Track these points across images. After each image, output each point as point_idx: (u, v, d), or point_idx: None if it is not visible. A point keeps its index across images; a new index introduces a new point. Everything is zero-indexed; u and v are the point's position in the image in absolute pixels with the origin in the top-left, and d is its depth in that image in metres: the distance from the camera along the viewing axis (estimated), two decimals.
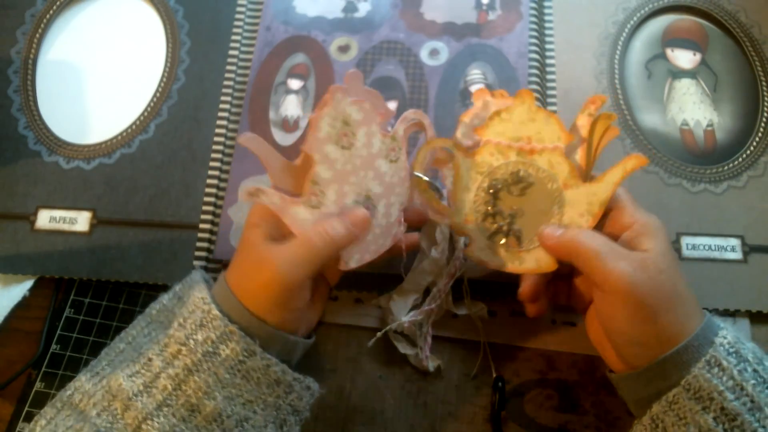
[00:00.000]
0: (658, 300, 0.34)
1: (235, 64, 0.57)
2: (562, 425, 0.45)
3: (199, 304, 0.35)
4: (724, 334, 0.34)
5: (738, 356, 0.34)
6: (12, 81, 0.57)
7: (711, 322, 0.35)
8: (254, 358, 0.35)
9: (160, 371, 0.34)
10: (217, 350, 0.34)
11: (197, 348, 0.34)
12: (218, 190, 0.53)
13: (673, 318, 0.34)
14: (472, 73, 0.55)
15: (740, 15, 0.56)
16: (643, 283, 0.34)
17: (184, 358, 0.34)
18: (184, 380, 0.33)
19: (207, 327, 0.34)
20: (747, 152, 0.52)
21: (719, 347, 0.34)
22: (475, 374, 0.47)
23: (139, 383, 0.34)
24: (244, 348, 0.34)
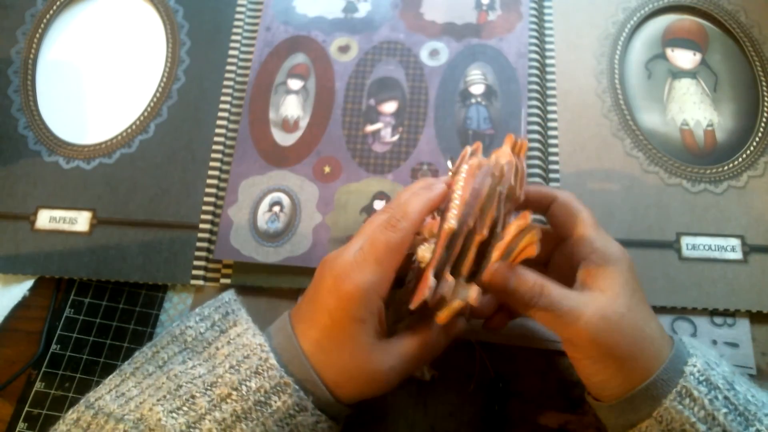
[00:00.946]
0: (622, 346, 0.33)
1: (235, 64, 0.57)
2: (562, 425, 0.45)
3: (257, 351, 0.34)
4: (693, 362, 0.34)
5: (708, 384, 0.33)
6: (12, 81, 0.57)
7: (680, 350, 0.35)
8: (305, 413, 0.33)
9: (205, 413, 0.32)
10: (269, 401, 0.33)
11: (249, 395, 0.33)
12: (218, 190, 0.53)
13: (639, 360, 0.34)
14: (472, 73, 0.55)
15: (740, 15, 0.56)
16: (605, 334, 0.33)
17: (233, 403, 0.32)
18: (231, 426, 0.32)
19: (262, 375, 0.33)
20: (747, 152, 0.52)
21: (689, 376, 0.33)
22: (472, 375, 0.47)
23: (182, 422, 0.32)
24: (296, 402, 0.33)
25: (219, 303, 0.39)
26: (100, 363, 0.48)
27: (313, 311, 0.35)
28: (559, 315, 0.33)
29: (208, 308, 0.38)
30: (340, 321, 0.34)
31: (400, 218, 0.35)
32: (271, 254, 0.49)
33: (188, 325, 0.37)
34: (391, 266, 0.34)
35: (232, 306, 0.38)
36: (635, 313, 0.34)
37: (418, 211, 0.35)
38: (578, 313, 0.33)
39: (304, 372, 0.34)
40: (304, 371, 0.34)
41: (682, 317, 0.48)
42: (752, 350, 0.46)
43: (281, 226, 0.50)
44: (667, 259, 0.48)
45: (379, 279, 0.34)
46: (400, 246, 0.35)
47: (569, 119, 0.54)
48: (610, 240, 0.37)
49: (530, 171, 0.51)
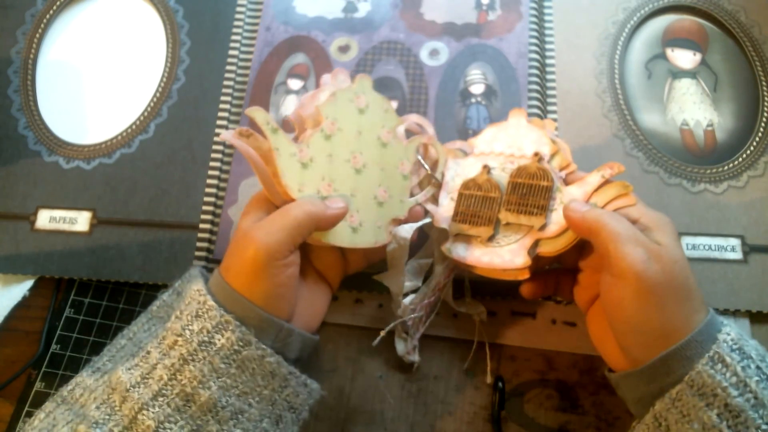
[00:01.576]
0: (668, 289, 0.34)
1: (235, 64, 0.57)
2: (562, 425, 0.45)
3: (195, 296, 0.36)
4: (727, 330, 0.34)
5: (741, 353, 0.33)
6: (12, 81, 0.57)
7: (714, 318, 0.35)
8: (249, 347, 0.35)
9: (156, 362, 0.34)
10: (213, 339, 0.34)
11: (193, 338, 0.34)
12: (218, 190, 0.53)
13: (679, 309, 0.34)
14: (472, 73, 0.55)
15: (740, 15, 0.56)
16: (657, 271, 0.34)
17: (179, 348, 0.34)
18: (180, 369, 0.34)
19: (203, 317, 0.35)
20: (747, 152, 0.52)
21: (723, 343, 0.33)
22: (467, 369, 0.47)
23: (137, 375, 0.34)
24: (239, 337, 0.34)
25: (185, 275, 0.40)
26: None
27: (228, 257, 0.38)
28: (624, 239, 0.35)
29: (176, 281, 0.40)
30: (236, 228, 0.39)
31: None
32: None
33: (156, 298, 0.40)
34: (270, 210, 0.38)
35: (192, 272, 0.40)
36: (685, 265, 0.35)
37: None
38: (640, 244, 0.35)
39: (241, 309, 0.35)
40: (241, 308, 0.35)
41: None
42: None
43: None
44: None
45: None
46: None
47: (569, 119, 0.54)
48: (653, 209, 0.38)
49: None
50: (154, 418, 0.32)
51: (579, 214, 0.38)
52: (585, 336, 0.44)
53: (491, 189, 0.42)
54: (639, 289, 0.34)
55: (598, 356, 0.40)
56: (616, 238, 0.35)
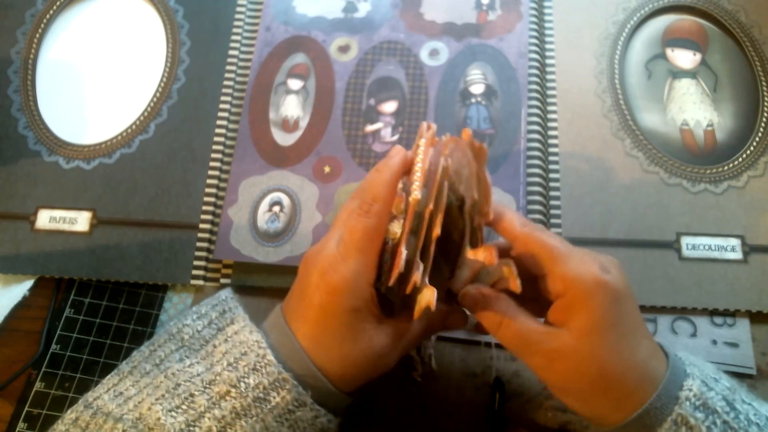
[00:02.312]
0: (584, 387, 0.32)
1: (235, 64, 0.57)
2: (562, 425, 0.45)
3: (254, 348, 0.34)
4: (689, 385, 0.32)
5: (706, 409, 0.31)
6: (12, 81, 0.57)
7: (675, 373, 0.33)
8: (304, 408, 0.33)
9: (204, 411, 0.32)
10: (268, 397, 0.33)
11: (248, 392, 0.32)
12: (218, 190, 0.53)
13: (618, 391, 0.32)
14: (472, 73, 0.55)
15: (740, 15, 0.56)
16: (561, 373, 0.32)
17: (232, 400, 0.32)
18: (231, 424, 0.32)
19: (260, 372, 0.33)
20: (747, 152, 0.52)
21: (685, 403, 0.31)
22: (473, 375, 0.47)
23: (181, 420, 0.32)
24: (295, 398, 0.33)
25: (216, 301, 0.38)
26: (100, 363, 0.48)
27: (304, 308, 0.35)
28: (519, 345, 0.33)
29: (205, 306, 0.38)
30: (333, 314, 0.34)
31: (372, 201, 0.35)
32: (271, 254, 0.49)
33: (185, 323, 0.37)
34: (373, 251, 0.35)
35: (229, 304, 0.38)
36: (609, 353, 0.32)
37: (386, 188, 0.35)
38: (537, 348, 0.33)
39: (302, 367, 0.34)
40: (302, 366, 0.34)
41: (682, 317, 0.48)
42: (752, 350, 0.46)
43: (281, 226, 0.50)
44: (667, 259, 0.48)
45: (363, 267, 0.34)
46: (377, 230, 0.35)
47: (569, 119, 0.54)
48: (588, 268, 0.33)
49: (530, 171, 0.51)
50: None
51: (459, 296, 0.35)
52: None
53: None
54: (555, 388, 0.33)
55: None
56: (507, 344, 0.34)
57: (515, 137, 0.52)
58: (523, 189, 0.50)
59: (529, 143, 0.51)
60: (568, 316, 0.32)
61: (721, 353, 0.46)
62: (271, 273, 0.50)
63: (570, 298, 0.32)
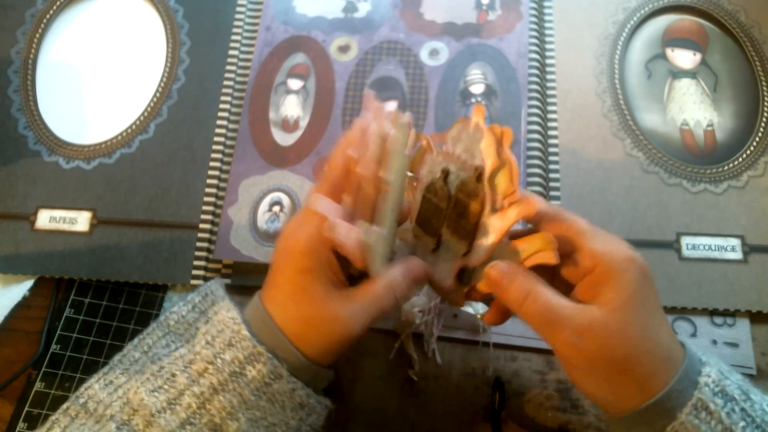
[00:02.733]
0: (610, 364, 0.32)
1: (235, 64, 0.57)
2: (562, 425, 0.45)
3: (229, 324, 0.35)
4: (707, 371, 0.32)
5: (724, 396, 0.31)
6: (12, 81, 0.57)
7: (692, 359, 0.33)
8: (280, 381, 0.34)
9: (184, 388, 0.33)
10: (244, 371, 0.33)
11: (224, 367, 0.33)
12: (218, 190, 0.53)
13: (644, 371, 0.32)
14: (472, 73, 0.55)
15: (740, 15, 0.56)
16: (590, 349, 0.32)
17: (210, 376, 0.33)
18: (209, 399, 0.33)
19: (236, 347, 0.34)
20: (747, 152, 0.52)
21: (704, 388, 0.31)
22: (472, 375, 0.47)
23: (162, 399, 0.33)
24: (270, 370, 0.34)
25: (201, 288, 0.39)
26: (100, 363, 0.48)
27: (269, 276, 0.36)
28: (545, 321, 0.33)
29: (192, 294, 0.39)
30: (290, 276, 0.35)
31: (330, 169, 0.37)
32: (271, 254, 0.49)
33: (172, 310, 0.38)
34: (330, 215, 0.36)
35: (212, 288, 0.39)
36: (637, 330, 0.32)
37: (339, 154, 0.37)
38: (565, 323, 0.32)
39: (273, 339, 0.34)
40: (273, 338, 0.34)
41: (682, 317, 0.48)
42: (752, 350, 0.46)
43: (281, 226, 0.50)
44: (667, 259, 0.48)
45: (319, 230, 0.35)
46: (332, 191, 0.37)
47: (569, 119, 0.54)
48: (616, 245, 0.33)
49: (530, 171, 0.51)
50: None
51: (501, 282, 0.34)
52: None
53: (442, 198, 0.37)
54: (579, 368, 0.33)
55: None
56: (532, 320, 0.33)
57: (515, 137, 0.52)
58: (523, 189, 0.50)
59: (529, 143, 0.51)
60: (598, 291, 0.32)
61: (721, 353, 0.46)
62: None
63: (600, 273, 0.32)
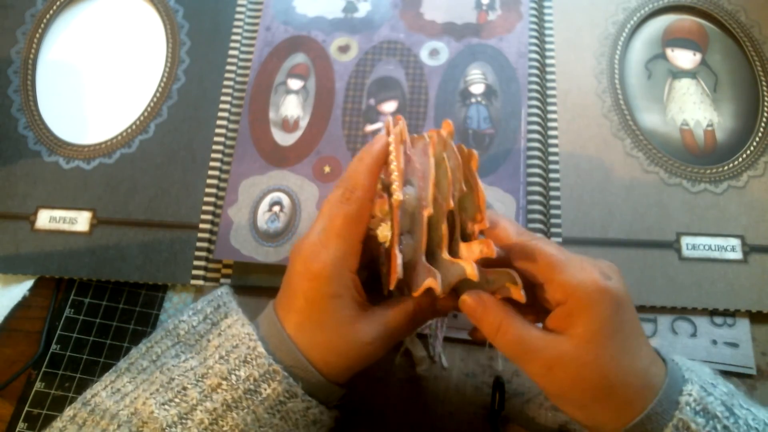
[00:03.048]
0: (584, 393, 0.32)
1: (235, 64, 0.57)
2: (563, 425, 0.45)
3: (245, 340, 0.34)
4: (689, 390, 0.32)
5: (706, 414, 0.31)
6: (12, 81, 0.57)
7: (674, 378, 0.33)
8: (295, 400, 0.33)
9: (197, 403, 0.33)
10: (259, 389, 0.33)
11: (239, 384, 0.33)
12: (218, 190, 0.53)
13: (619, 399, 0.32)
14: (472, 73, 0.55)
15: (740, 15, 0.56)
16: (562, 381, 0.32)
17: (223, 392, 0.33)
18: (222, 416, 0.32)
19: (251, 364, 0.33)
20: (747, 152, 0.52)
21: (685, 408, 0.31)
22: (473, 375, 0.47)
23: (174, 413, 0.32)
24: (285, 389, 0.33)
25: (212, 297, 0.39)
26: (100, 363, 0.48)
27: (289, 296, 0.35)
28: (517, 352, 0.33)
29: (202, 302, 0.39)
30: (315, 300, 0.34)
31: (353, 189, 0.35)
32: (271, 254, 0.49)
33: (182, 319, 0.37)
34: (355, 238, 0.35)
35: (224, 299, 0.38)
36: (609, 360, 0.32)
37: (367, 175, 0.35)
38: (536, 354, 0.32)
39: (291, 358, 0.34)
40: (291, 357, 0.34)
41: (682, 317, 0.48)
42: (752, 350, 0.46)
43: (281, 226, 0.50)
44: (667, 259, 0.48)
45: (344, 253, 0.34)
46: (359, 216, 0.35)
47: (569, 119, 0.54)
48: (588, 275, 0.32)
49: (530, 171, 0.51)
50: None
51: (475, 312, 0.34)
52: None
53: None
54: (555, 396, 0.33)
55: None
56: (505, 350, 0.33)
57: (515, 137, 0.52)
58: (523, 189, 0.50)
59: (529, 143, 0.51)
60: (569, 323, 0.32)
61: (721, 353, 0.46)
62: (271, 273, 0.50)
63: (571, 306, 0.32)
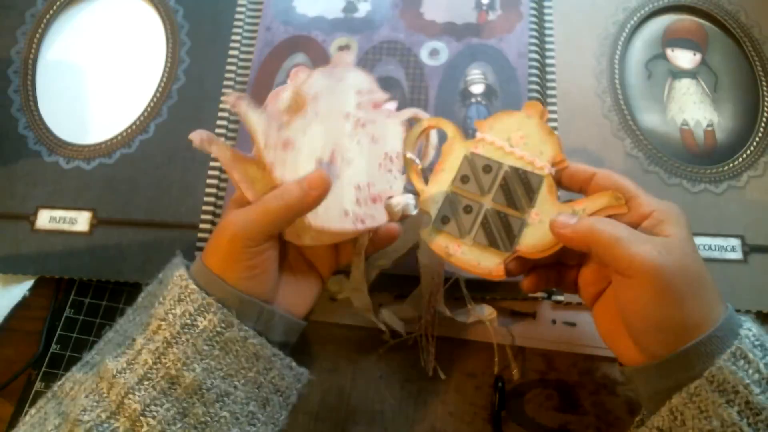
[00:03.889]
0: (685, 283, 0.33)
1: (235, 64, 0.57)
2: (562, 425, 0.45)
3: (177, 281, 0.36)
4: (748, 326, 0.33)
5: (764, 349, 0.32)
6: (12, 81, 0.57)
7: (734, 313, 0.34)
8: (231, 329, 0.35)
9: (141, 347, 0.34)
10: (195, 322, 0.34)
11: (176, 321, 0.34)
12: (218, 190, 0.53)
13: (698, 304, 0.33)
14: (472, 73, 0.55)
15: (740, 15, 0.56)
16: (670, 265, 0.33)
17: (163, 332, 0.34)
18: (164, 353, 0.34)
19: (185, 301, 0.35)
20: (747, 152, 0.52)
21: (744, 339, 0.32)
22: (472, 375, 0.47)
23: (123, 361, 0.34)
24: (221, 319, 0.34)
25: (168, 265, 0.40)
26: None
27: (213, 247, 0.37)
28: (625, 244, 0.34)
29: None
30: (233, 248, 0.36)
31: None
32: None
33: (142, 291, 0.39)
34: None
35: (174, 261, 0.39)
36: (698, 257, 0.35)
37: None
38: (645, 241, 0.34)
39: (222, 291, 0.35)
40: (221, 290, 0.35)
41: None
42: None
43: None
44: None
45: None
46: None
47: (569, 119, 0.54)
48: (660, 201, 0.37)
49: None
50: (140, 401, 0.33)
51: (568, 228, 0.36)
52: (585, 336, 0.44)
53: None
54: (655, 286, 0.33)
55: (599, 356, 0.40)
56: (618, 242, 0.34)
57: None
58: None
59: None
60: (660, 229, 0.35)
61: None
62: None
63: (659, 215, 0.36)
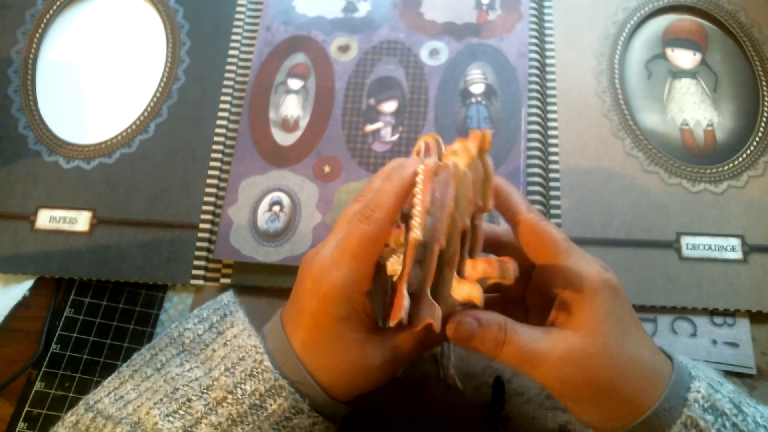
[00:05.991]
0: (596, 387, 0.31)
1: (235, 64, 0.57)
2: (562, 425, 0.45)
3: (251, 353, 0.33)
4: (697, 386, 0.32)
5: (715, 411, 0.31)
6: (12, 81, 0.57)
7: (681, 373, 0.32)
8: (301, 416, 0.33)
9: (201, 417, 0.32)
10: (265, 404, 0.32)
11: (244, 399, 0.32)
12: (218, 190, 0.53)
13: (628, 396, 0.31)
14: (472, 73, 0.55)
15: (740, 15, 0.56)
16: (573, 375, 0.31)
17: (229, 407, 0.32)
18: (227, 430, 0.32)
19: (257, 378, 0.33)
20: (747, 152, 0.52)
21: (694, 404, 0.31)
22: (472, 375, 0.47)
23: (178, 426, 0.32)
24: (291, 405, 0.33)
25: (218, 305, 0.38)
26: (100, 363, 0.48)
27: (297, 313, 0.34)
28: (524, 360, 0.32)
29: (207, 310, 0.38)
30: (322, 321, 0.33)
31: (374, 208, 0.33)
32: (271, 254, 0.49)
33: (186, 327, 0.37)
34: (369, 260, 0.33)
35: (231, 308, 0.38)
36: (616, 348, 0.31)
37: (392, 199, 0.33)
38: (544, 357, 0.31)
39: (298, 374, 0.33)
40: (297, 373, 0.33)
41: (682, 317, 0.48)
42: (752, 350, 0.46)
43: (281, 226, 0.50)
44: (667, 259, 0.48)
45: (356, 275, 0.33)
46: (376, 238, 0.33)
47: (569, 119, 0.54)
48: (589, 263, 0.33)
49: (530, 171, 0.51)
50: None
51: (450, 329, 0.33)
52: None
53: None
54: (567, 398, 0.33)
55: None
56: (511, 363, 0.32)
57: (515, 137, 0.52)
58: (523, 189, 0.50)
59: (529, 143, 0.51)
60: (571, 315, 0.32)
61: (721, 353, 0.46)
62: (271, 273, 0.50)
63: (572, 296, 0.32)
